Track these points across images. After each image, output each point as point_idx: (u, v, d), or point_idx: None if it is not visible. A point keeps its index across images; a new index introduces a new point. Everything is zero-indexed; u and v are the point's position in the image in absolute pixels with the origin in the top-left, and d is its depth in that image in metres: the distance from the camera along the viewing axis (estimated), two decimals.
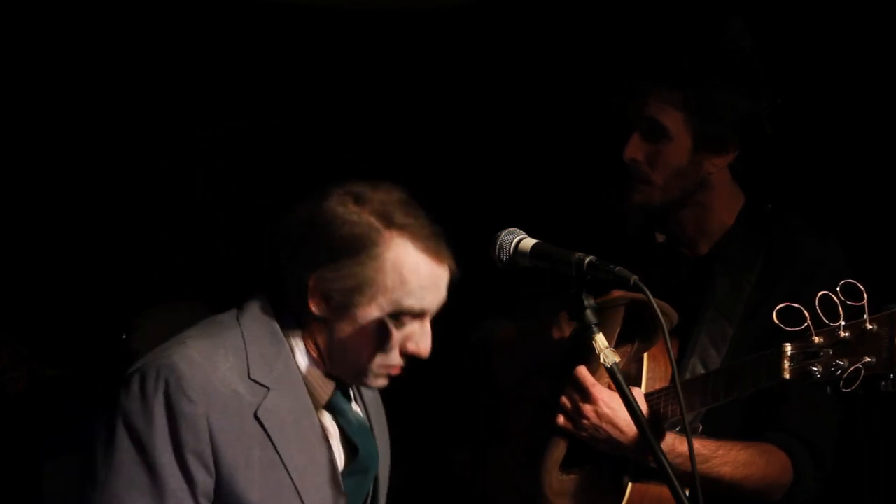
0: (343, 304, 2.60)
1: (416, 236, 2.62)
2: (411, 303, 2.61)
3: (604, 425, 3.03)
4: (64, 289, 4.85)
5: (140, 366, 2.61)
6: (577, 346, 3.09)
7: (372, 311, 2.60)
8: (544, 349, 3.23)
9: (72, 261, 4.86)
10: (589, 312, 2.71)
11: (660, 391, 3.07)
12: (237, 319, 2.68)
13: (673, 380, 3.06)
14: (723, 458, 3.07)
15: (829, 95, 3.92)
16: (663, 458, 2.67)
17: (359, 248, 2.60)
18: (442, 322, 2.70)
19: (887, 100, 3.83)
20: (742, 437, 3.13)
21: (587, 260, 2.70)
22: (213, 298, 4.23)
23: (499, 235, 2.84)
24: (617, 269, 2.67)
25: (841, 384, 2.70)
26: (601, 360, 2.68)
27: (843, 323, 2.69)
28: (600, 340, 2.69)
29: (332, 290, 2.60)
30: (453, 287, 2.69)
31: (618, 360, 2.69)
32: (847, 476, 3.58)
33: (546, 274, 2.79)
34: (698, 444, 3.03)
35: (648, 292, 2.62)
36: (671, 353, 2.72)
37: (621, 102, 3.30)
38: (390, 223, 2.62)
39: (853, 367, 2.68)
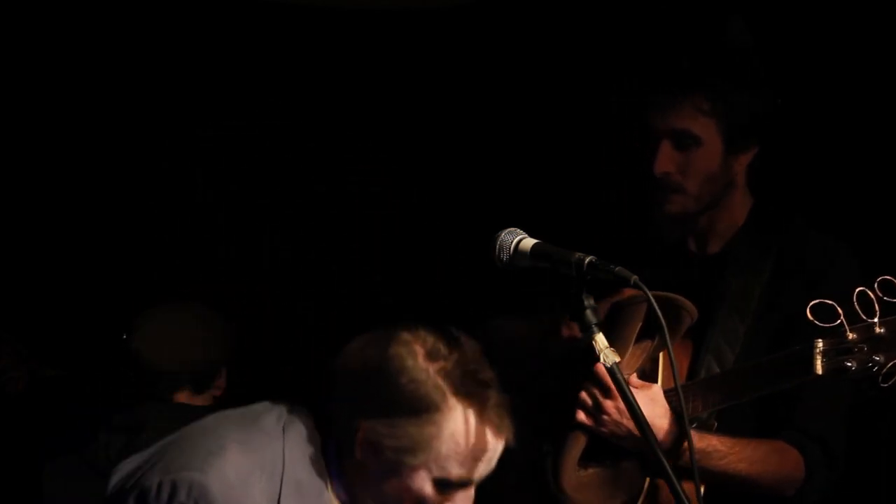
0: (391, 461, 2.49)
1: (482, 407, 2.50)
2: (461, 473, 2.51)
3: (625, 421, 3.03)
4: (64, 289, 4.85)
5: (172, 473, 2.50)
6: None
7: (419, 473, 2.49)
8: (552, 348, 3.24)
9: (72, 261, 4.87)
10: (589, 312, 2.71)
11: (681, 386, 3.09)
12: (283, 430, 2.54)
13: (681, 377, 3.10)
14: (739, 454, 3.09)
15: (829, 95, 3.92)
16: (662, 457, 2.67)
17: (420, 409, 2.47)
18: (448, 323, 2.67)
19: (888, 100, 3.84)
20: (755, 435, 3.14)
21: (587, 260, 2.70)
22: (213, 298, 4.25)
23: (499, 235, 2.84)
24: (617, 269, 2.67)
25: (880, 379, 2.73)
26: (601, 360, 2.69)
27: (878, 319, 2.71)
28: (600, 340, 2.69)
29: (383, 445, 2.48)
30: (454, 287, 2.69)
31: (618, 360, 2.70)
32: (867, 475, 3.61)
33: (546, 274, 2.79)
34: (716, 441, 3.07)
35: (648, 292, 2.63)
36: (671, 350, 2.71)
37: (644, 116, 3.28)
38: (458, 390, 2.49)
39: (892, 363, 2.71)
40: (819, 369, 2.81)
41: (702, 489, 2.66)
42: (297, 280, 4.96)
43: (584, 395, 3.10)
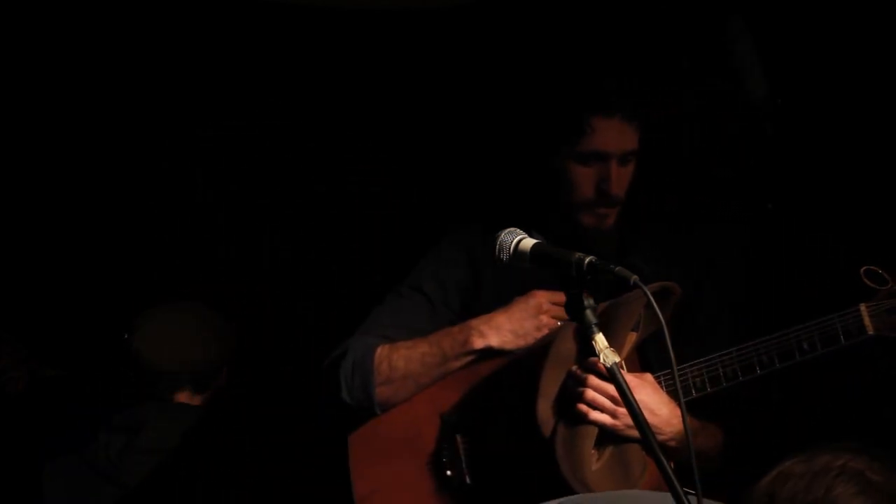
0: None
1: None
2: None
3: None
4: (64, 289, 4.85)
5: None
6: (581, 344, 3.14)
7: None
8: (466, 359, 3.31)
9: (72, 261, 4.87)
10: (588, 312, 2.72)
11: (663, 373, 3.16)
12: None
13: (637, 367, 3.21)
14: (706, 432, 3.28)
15: (829, 95, 3.92)
16: (660, 455, 2.68)
17: None
18: None
19: (888, 100, 3.84)
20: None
21: (587, 260, 2.71)
22: (213, 298, 4.25)
23: (499, 236, 2.85)
24: (617, 268, 2.68)
25: None
26: (601, 360, 2.69)
27: None
28: (600, 340, 2.70)
29: None
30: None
31: (618, 359, 2.71)
32: None
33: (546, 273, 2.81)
34: (692, 420, 3.20)
35: (648, 291, 2.64)
36: (669, 342, 2.72)
37: (580, 134, 3.35)
38: None
39: None
40: (871, 329, 3.03)
41: (671, 465, 2.70)
42: (297, 280, 4.96)
43: (592, 394, 3.14)
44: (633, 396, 2.69)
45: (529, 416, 3.20)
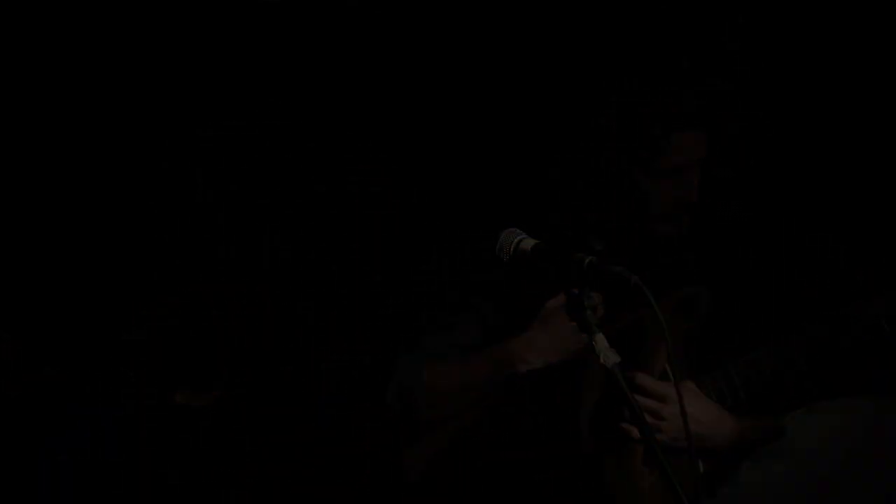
0: None
1: None
2: None
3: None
4: (64, 288, 4.84)
5: None
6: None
7: None
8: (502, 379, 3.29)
9: (71, 261, 4.86)
10: (589, 313, 2.71)
11: (704, 378, 3.16)
12: None
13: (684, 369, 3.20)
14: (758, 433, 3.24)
15: (829, 95, 3.92)
16: (660, 454, 2.68)
17: None
18: None
19: (888, 99, 3.84)
20: None
21: (587, 260, 2.71)
22: (213, 298, 4.24)
23: (499, 236, 2.85)
24: (617, 269, 2.68)
25: None
26: (602, 360, 2.69)
27: None
28: (600, 341, 2.70)
29: None
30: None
31: (618, 360, 2.70)
32: None
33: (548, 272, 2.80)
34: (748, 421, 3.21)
35: (649, 292, 2.64)
36: (670, 344, 2.72)
37: (663, 147, 3.32)
38: None
39: None
40: None
41: (701, 467, 2.70)
42: (297, 280, 4.96)
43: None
44: (633, 398, 2.69)
45: (572, 431, 3.18)
